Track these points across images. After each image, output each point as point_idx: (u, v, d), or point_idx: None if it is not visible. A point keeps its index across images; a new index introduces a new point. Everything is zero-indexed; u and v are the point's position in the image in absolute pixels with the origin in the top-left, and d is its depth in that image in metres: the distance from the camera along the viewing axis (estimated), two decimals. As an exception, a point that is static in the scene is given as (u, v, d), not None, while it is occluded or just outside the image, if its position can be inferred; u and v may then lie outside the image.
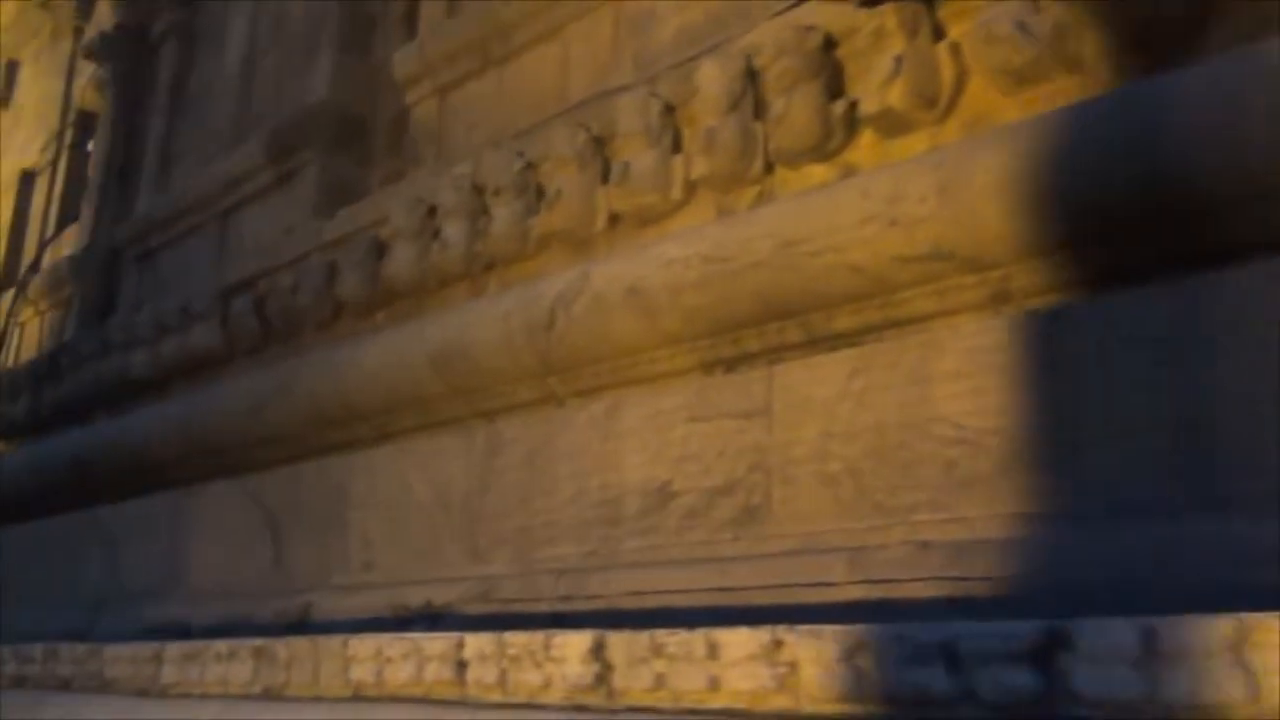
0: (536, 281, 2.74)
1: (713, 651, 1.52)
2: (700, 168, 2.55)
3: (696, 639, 1.55)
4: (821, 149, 2.39)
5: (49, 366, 5.01)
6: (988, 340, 1.86)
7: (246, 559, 3.37)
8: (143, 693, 2.68)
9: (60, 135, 6.18)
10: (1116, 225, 1.81)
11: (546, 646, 1.76)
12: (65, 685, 3.00)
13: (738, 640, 1.50)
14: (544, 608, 2.25)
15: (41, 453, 4.77)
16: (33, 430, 5.18)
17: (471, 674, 1.88)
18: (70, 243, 5.71)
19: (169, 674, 2.60)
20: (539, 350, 2.66)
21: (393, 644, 2.05)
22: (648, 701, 1.58)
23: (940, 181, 1.97)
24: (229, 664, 2.42)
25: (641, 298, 2.43)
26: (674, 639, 1.59)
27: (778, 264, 2.20)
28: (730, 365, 2.41)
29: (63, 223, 5.94)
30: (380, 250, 3.46)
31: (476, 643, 1.90)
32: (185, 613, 3.39)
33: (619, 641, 1.65)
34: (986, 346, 1.86)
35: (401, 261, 3.27)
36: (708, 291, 2.33)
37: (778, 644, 1.45)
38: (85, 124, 6.11)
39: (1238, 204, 1.67)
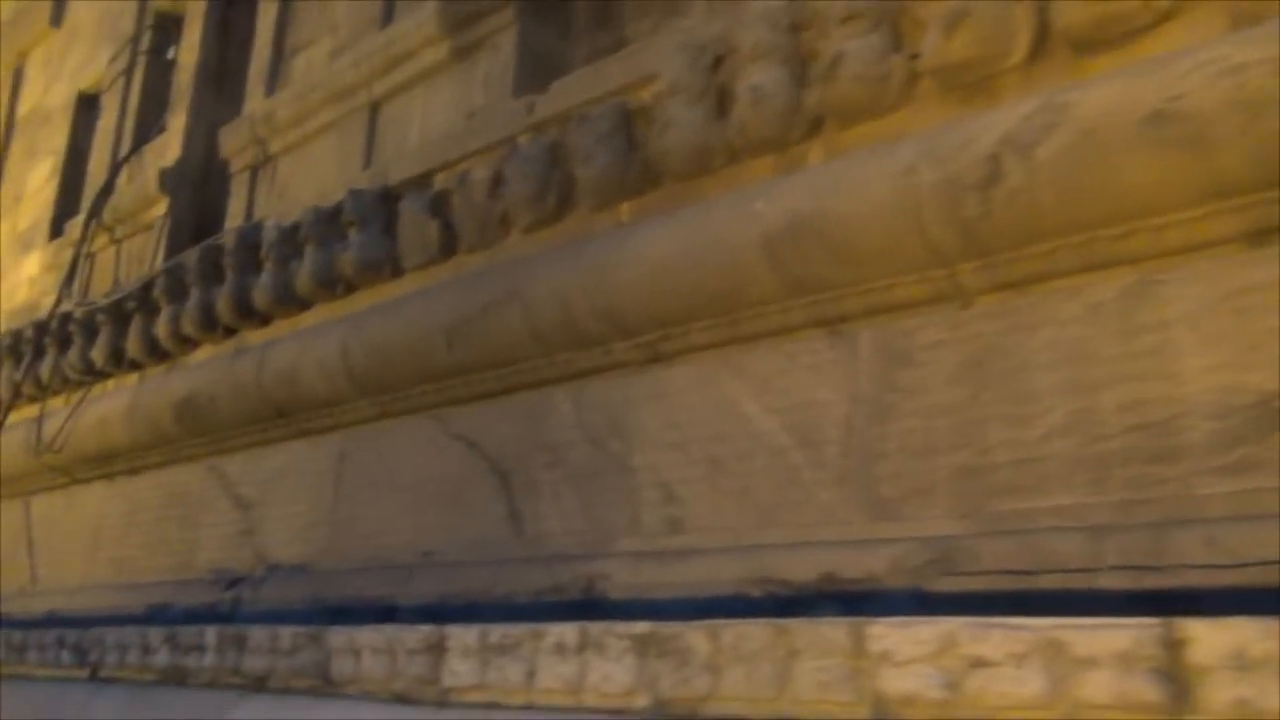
0: (953, 125, 1.95)
1: None
2: (1237, -53, 1.75)
3: None
4: None
5: (140, 297, 4.20)
6: None
7: (461, 519, 2.57)
8: (405, 699, 1.88)
9: (135, 40, 5.36)
10: None
11: None
12: (259, 683, 2.21)
13: None
14: (1107, 583, 1.45)
15: (135, 398, 3.97)
16: (116, 373, 4.37)
17: (1211, 693, 1.09)
18: (153, 161, 4.90)
19: (460, 672, 1.79)
20: (965, 220, 1.86)
21: (984, 634, 1.26)
22: None
23: None
24: (584, 659, 1.62)
25: (1177, 127, 1.64)
26: None
27: None
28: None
29: (140, 139, 5.12)
30: (629, 122, 2.66)
31: (1231, 632, 1.09)
32: (374, 588, 2.60)
33: None
34: None
35: (681, 128, 2.47)
36: (1319, 106, 1.54)
37: None
38: (164, 27, 5.29)
39: None
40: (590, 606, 2.04)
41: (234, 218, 4.21)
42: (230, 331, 3.85)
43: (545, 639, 1.71)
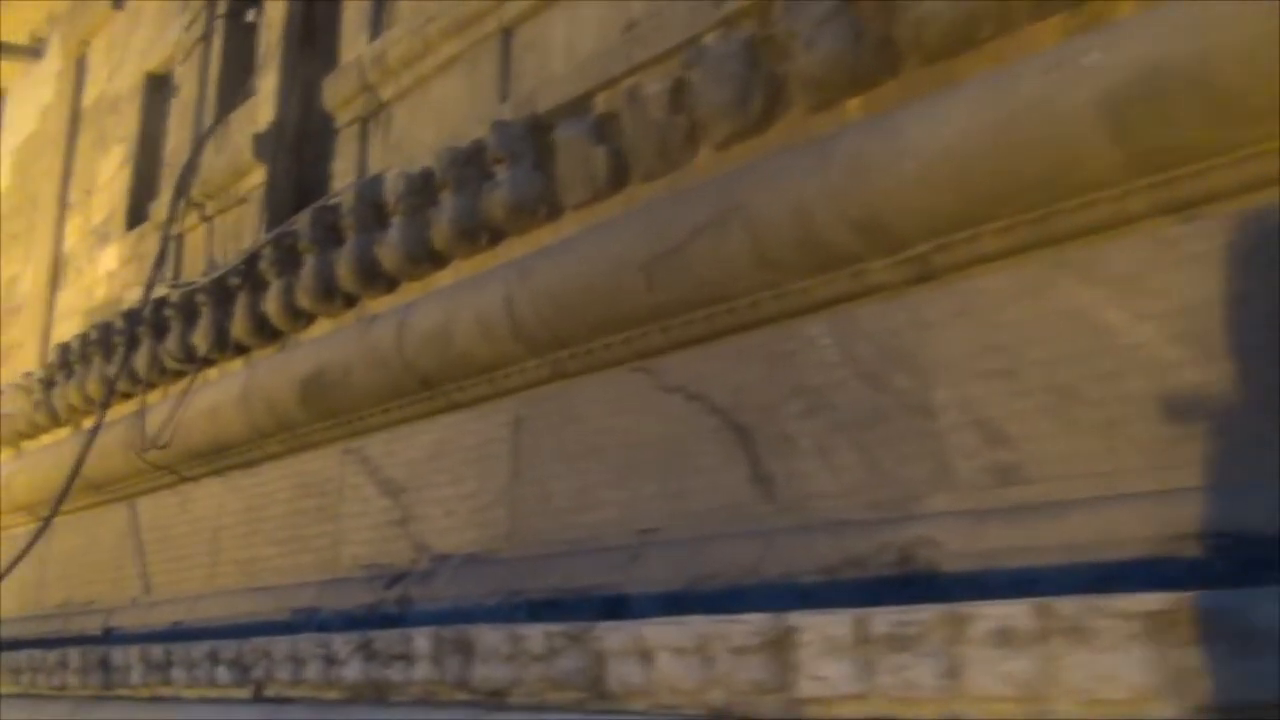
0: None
1: None
2: None
3: None
4: None
5: (245, 271, 3.80)
6: None
7: (690, 486, 2.13)
8: (729, 714, 1.43)
9: (211, 5, 4.97)
10: None
11: None
12: (496, 699, 1.76)
13: None
14: None
15: (249, 382, 3.57)
16: (221, 359, 3.98)
17: None
18: (241, 129, 4.50)
19: (827, 677, 1.29)
20: None
21: None
22: None
23: None
24: (1049, 649, 1.14)
25: None
26: None
27: None
28: None
29: (226, 107, 4.73)
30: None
31: None
32: (587, 575, 2.16)
33: None
34: None
35: (941, -10, 2.00)
36: None
37: None
38: (242, -11, 4.89)
39: None
40: (916, 582, 1.59)
41: (343, 176, 3.80)
42: (350, 301, 3.44)
43: (972, 624, 1.24)
